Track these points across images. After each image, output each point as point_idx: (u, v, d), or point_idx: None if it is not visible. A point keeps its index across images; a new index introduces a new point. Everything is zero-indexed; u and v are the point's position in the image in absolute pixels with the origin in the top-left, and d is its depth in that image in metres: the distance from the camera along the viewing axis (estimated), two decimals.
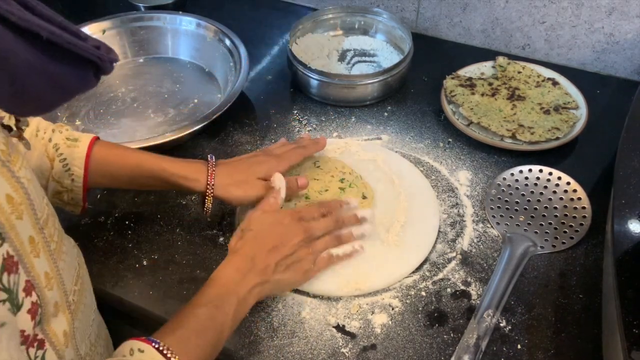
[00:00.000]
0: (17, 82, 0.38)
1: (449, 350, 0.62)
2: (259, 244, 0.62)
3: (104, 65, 0.43)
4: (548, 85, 0.93)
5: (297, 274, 0.64)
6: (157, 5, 1.13)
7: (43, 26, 0.38)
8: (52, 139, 0.66)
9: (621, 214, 0.60)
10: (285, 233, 0.64)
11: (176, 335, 0.51)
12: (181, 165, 0.68)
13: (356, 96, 0.93)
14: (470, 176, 0.82)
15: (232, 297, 0.57)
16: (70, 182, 0.66)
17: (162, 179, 0.68)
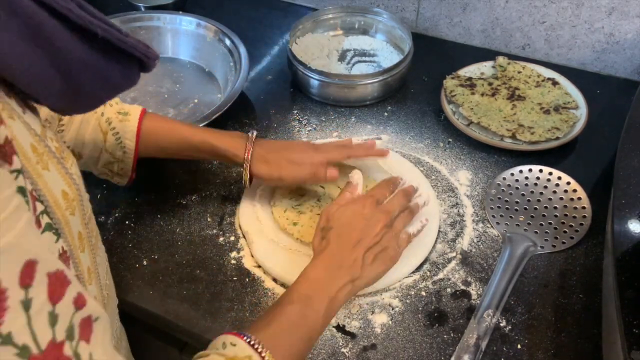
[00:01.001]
0: (72, 80, 0.39)
1: (449, 350, 0.62)
2: (344, 241, 0.60)
3: (149, 62, 0.45)
4: (548, 85, 0.93)
5: (385, 262, 0.62)
6: (157, 5, 1.13)
7: (97, 24, 0.39)
8: (104, 113, 0.71)
9: (621, 214, 0.60)
10: (367, 224, 0.62)
11: (267, 332, 0.51)
12: (225, 139, 0.72)
13: (356, 96, 0.93)
14: (470, 176, 0.82)
15: (323, 295, 0.56)
16: (122, 153, 0.71)
17: (207, 151, 0.72)
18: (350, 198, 0.66)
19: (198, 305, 0.67)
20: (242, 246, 0.74)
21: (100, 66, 0.41)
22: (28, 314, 0.31)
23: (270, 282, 0.70)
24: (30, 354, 0.31)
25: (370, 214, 0.63)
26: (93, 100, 0.44)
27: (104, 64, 0.41)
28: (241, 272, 0.71)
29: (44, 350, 0.32)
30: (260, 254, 0.71)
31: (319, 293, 0.56)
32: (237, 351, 0.48)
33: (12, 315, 0.30)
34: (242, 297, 0.68)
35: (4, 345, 0.30)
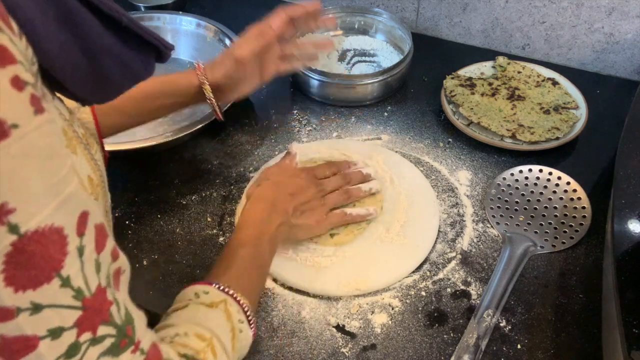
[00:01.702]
0: (98, 66, 0.41)
1: (449, 350, 0.62)
2: (278, 190, 0.67)
3: (165, 51, 0.47)
4: (548, 85, 0.93)
5: (310, 220, 0.68)
6: (157, 5, 1.13)
7: (122, 12, 0.41)
8: None
9: (621, 214, 0.60)
10: (301, 184, 0.69)
11: (228, 276, 0.56)
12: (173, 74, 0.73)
13: (356, 96, 0.93)
14: (470, 176, 0.82)
15: (265, 235, 0.62)
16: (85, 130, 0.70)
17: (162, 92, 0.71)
18: (290, 164, 0.72)
19: None
20: None
21: (123, 54, 0.43)
22: (81, 260, 0.34)
23: (269, 282, 0.69)
24: (84, 296, 0.34)
25: (303, 181, 0.70)
26: (114, 89, 0.45)
27: (127, 52, 0.43)
28: None
29: (93, 294, 0.35)
30: None
31: (262, 234, 0.62)
32: (213, 297, 0.52)
33: (71, 260, 0.33)
34: None
35: (63, 287, 0.33)
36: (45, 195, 0.31)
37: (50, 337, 0.33)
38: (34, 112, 0.30)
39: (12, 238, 0.30)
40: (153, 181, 0.82)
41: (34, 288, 0.31)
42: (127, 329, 0.38)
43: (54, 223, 0.32)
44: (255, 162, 0.85)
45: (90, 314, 0.35)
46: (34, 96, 0.30)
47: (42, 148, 0.31)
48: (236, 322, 0.52)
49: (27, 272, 0.31)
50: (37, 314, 0.32)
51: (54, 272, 0.32)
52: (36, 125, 0.30)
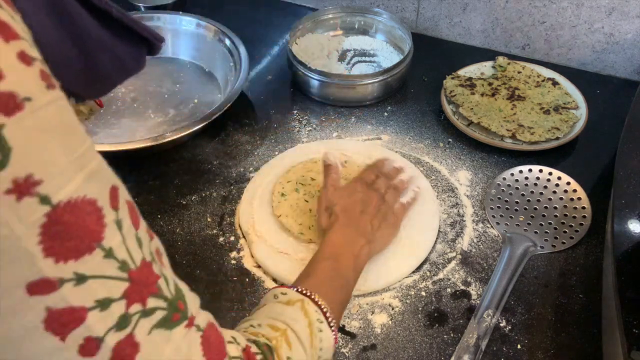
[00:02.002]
0: (90, 59, 0.40)
1: (449, 350, 0.62)
2: (350, 213, 0.66)
3: (156, 43, 0.46)
4: (548, 85, 0.93)
5: (390, 226, 0.68)
6: (157, 5, 1.13)
7: (112, 5, 0.41)
8: None
9: (621, 214, 0.60)
10: (364, 198, 0.68)
11: (308, 283, 0.55)
12: None
13: (356, 96, 0.93)
14: (470, 176, 0.82)
15: (349, 253, 0.61)
16: None
17: None
18: (338, 179, 0.71)
19: None
20: (242, 246, 0.74)
21: (114, 46, 0.43)
22: (122, 233, 0.34)
23: (270, 282, 0.70)
24: (129, 268, 0.34)
25: (363, 192, 0.69)
26: (106, 84, 0.45)
27: (118, 44, 0.43)
28: (241, 272, 0.71)
29: (139, 267, 0.35)
30: (260, 254, 0.71)
31: (345, 251, 0.61)
32: (290, 296, 0.52)
33: (110, 232, 0.33)
34: (242, 297, 0.68)
35: (107, 259, 0.33)
36: (70, 168, 0.31)
37: (98, 308, 0.32)
38: (46, 87, 0.29)
39: (45, 209, 0.29)
40: (153, 181, 0.82)
41: (75, 258, 0.31)
42: (179, 303, 0.38)
43: (86, 195, 0.31)
44: (255, 162, 0.85)
45: (138, 286, 0.34)
46: (43, 72, 0.30)
47: (59, 122, 0.30)
48: (314, 319, 0.50)
49: (66, 243, 0.30)
50: (81, 284, 0.31)
51: (94, 242, 0.32)
52: (50, 100, 0.30)
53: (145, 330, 0.35)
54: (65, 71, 0.39)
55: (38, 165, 0.29)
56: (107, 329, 0.33)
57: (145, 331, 0.35)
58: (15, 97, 0.27)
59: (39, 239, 0.29)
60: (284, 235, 0.73)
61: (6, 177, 0.27)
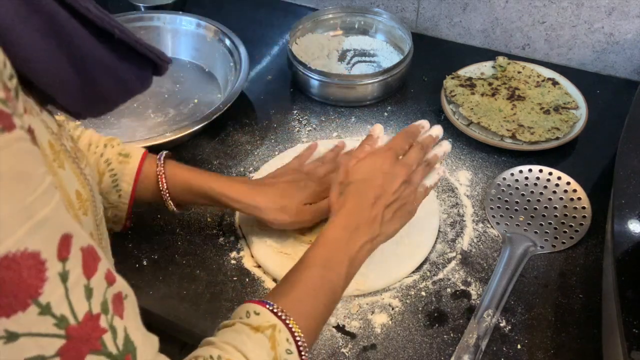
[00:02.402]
0: (89, 80, 0.39)
1: (449, 350, 0.62)
2: (362, 197, 0.58)
3: (162, 64, 0.45)
4: (548, 85, 0.93)
5: (403, 217, 0.62)
6: (157, 5, 1.13)
7: (115, 25, 0.39)
8: (104, 154, 0.66)
9: (621, 214, 0.60)
10: (386, 179, 0.60)
11: (290, 297, 0.51)
12: (227, 184, 0.68)
13: (356, 96, 0.93)
14: (470, 176, 0.82)
15: (343, 256, 0.55)
16: (117, 197, 0.66)
17: (209, 197, 0.68)
18: (369, 151, 0.63)
19: (198, 305, 0.67)
20: (242, 246, 0.74)
21: (116, 67, 0.41)
22: (66, 286, 0.32)
23: (270, 282, 0.69)
24: (68, 324, 0.32)
25: (389, 168, 0.61)
26: (108, 103, 0.44)
27: (119, 65, 0.42)
28: (241, 272, 0.71)
29: (80, 322, 0.33)
30: (260, 254, 0.71)
31: (339, 254, 0.55)
32: (261, 320, 0.48)
33: (51, 286, 0.31)
34: (242, 297, 0.68)
35: (42, 315, 0.31)
36: (14, 219, 0.29)
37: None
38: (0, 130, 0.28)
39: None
40: None
41: (7, 316, 0.30)
42: (126, 358, 0.35)
43: (28, 247, 0.30)
44: (255, 162, 0.85)
45: (76, 342, 0.33)
46: (2, 113, 0.28)
47: (9, 169, 0.29)
48: (282, 351, 0.46)
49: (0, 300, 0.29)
50: (12, 342, 0.30)
51: (29, 299, 0.30)
52: (3, 144, 0.28)
53: None
54: (61, 89, 0.38)
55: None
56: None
57: None
58: None
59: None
60: (284, 235, 0.73)
61: None
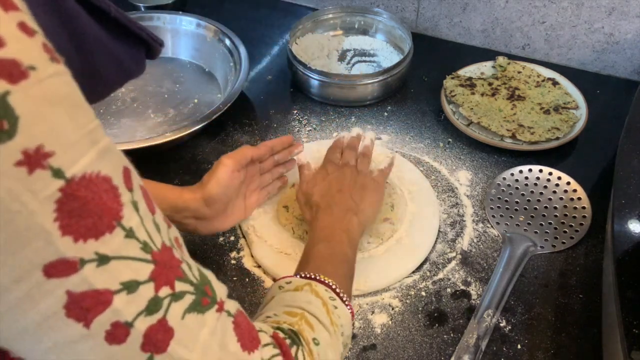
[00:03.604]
0: (89, 60, 0.39)
1: (449, 350, 0.62)
2: (328, 197, 0.66)
3: (155, 46, 0.45)
4: (548, 85, 0.93)
5: (372, 193, 0.68)
6: (157, 5, 1.13)
7: (110, 4, 0.39)
8: None
9: (621, 214, 0.60)
10: (337, 177, 0.69)
11: (309, 268, 0.55)
12: None
13: (356, 96, 0.93)
14: (470, 176, 0.82)
15: (338, 230, 0.61)
16: None
17: None
18: (310, 174, 0.72)
19: None
20: (242, 246, 0.74)
21: (112, 47, 0.41)
22: (139, 215, 0.32)
23: (270, 282, 0.69)
24: (151, 249, 0.32)
25: (334, 172, 0.70)
26: (106, 86, 0.44)
27: (115, 45, 0.42)
28: (241, 272, 0.71)
29: (160, 250, 0.32)
30: (260, 254, 0.71)
31: (335, 230, 0.61)
32: (296, 284, 0.51)
33: (128, 212, 0.31)
34: (242, 297, 0.68)
35: (128, 239, 0.30)
36: (82, 142, 0.28)
37: (125, 291, 0.30)
38: (49, 59, 0.27)
39: (59, 183, 0.27)
40: None
41: (95, 237, 0.29)
42: (206, 288, 0.36)
43: (101, 171, 0.29)
44: None
45: (164, 268, 0.32)
46: (46, 45, 0.28)
47: (67, 95, 0.28)
48: (326, 298, 0.50)
49: (85, 221, 0.28)
50: (104, 265, 0.29)
51: (114, 220, 0.29)
52: (55, 72, 0.27)
53: (178, 314, 0.33)
54: None
55: (49, 137, 0.27)
56: (136, 314, 0.31)
57: (179, 315, 0.33)
58: (18, 65, 0.25)
59: (55, 215, 0.27)
60: (284, 235, 0.73)
61: (15, 147, 0.25)
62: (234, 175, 0.66)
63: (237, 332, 0.37)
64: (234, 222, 0.71)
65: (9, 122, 0.25)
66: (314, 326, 0.46)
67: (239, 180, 0.68)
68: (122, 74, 0.44)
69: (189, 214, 0.64)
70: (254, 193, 0.74)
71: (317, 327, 0.46)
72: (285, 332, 0.43)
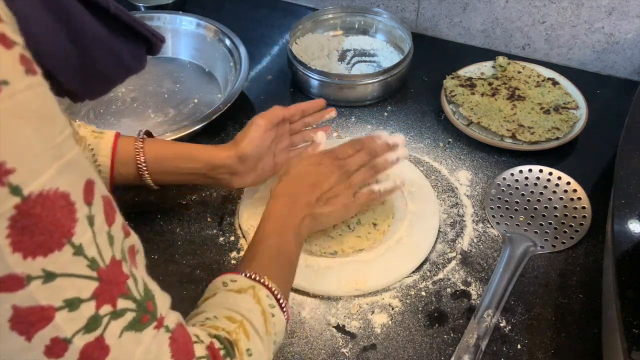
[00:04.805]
0: (87, 56, 0.40)
1: (449, 350, 0.62)
2: (298, 183, 0.65)
3: (156, 42, 0.46)
4: (548, 85, 0.93)
5: (336, 207, 0.66)
6: (157, 5, 1.13)
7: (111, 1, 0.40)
8: (79, 132, 0.67)
9: (621, 214, 0.60)
10: (322, 172, 0.66)
11: (255, 264, 0.55)
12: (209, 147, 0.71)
13: (356, 96, 0.93)
14: (470, 176, 0.82)
15: (288, 228, 0.60)
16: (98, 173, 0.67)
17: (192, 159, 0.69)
18: (309, 153, 0.71)
19: None
20: (242, 246, 0.74)
21: (112, 44, 0.42)
22: (93, 230, 0.32)
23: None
24: (98, 266, 0.33)
25: (325, 166, 0.67)
26: (105, 83, 0.44)
27: (115, 42, 0.42)
28: None
29: (108, 265, 0.33)
30: None
31: (286, 225, 0.60)
32: (241, 284, 0.51)
33: (82, 228, 0.31)
34: None
35: (76, 256, 0.31)
36: (45, 157, 0.29)
37: (67, 308, 0.31)
38: (24, 72, 0.28)
39: (15, 200, 0.28)
40: None
41: (44, 255, 0.29)
42: (147, 304, 0.37)
43: (59, 187, 0.30)
44: None
45: (108, 285, 0.33)
46: (24, 56, 0.28)
47: (37, 109, 0.29)
48: (266, 305, 0.50)
49: (35, 238, 0.29)
50: (50, 282, 0.30)
51: (64, 238, 0.30)
52: (28, 85, 0.28)
53: (115, 333, 0.34)
54: (61, 65, 0.38)
55: (11, 153, 0.27)
56: (75, 330, 0.32)
57: (116, 334, 0.34)
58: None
59: (7, 232, 0.28)
60: None
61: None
62: (265, 134, 0.69)
63: (172, 347, 0.38)
64: (264, 179, 0.74)
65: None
66: (250, 336, 0.47)
67: (270, 139, 0.71)
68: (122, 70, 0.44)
69: (224, 170, 0.69)
70: (283, 152, 0.75)
71: (252, 337, 0.47)
72: (222, 341, 0.44)
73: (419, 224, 0.74)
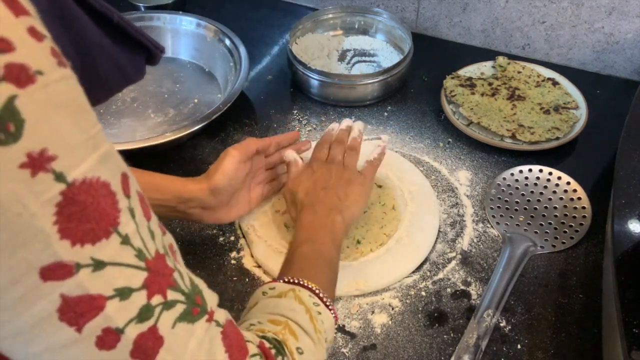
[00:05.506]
0: (89, 63, 0.39)
1: (449, 350, 0.62)
2: (312, 195, 0.66)
3: (156, 52, 0.46)
4: (548, 85, 0.93)
5: (358, 188, 0.67)
6: (157, 5, 1.13)
7: (113, 10, 0.40)
8: None
9: (621, 214, 0.60)
10: (322, 174, 0.68)
11: (292, 271, 0.55)
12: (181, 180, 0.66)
13: (356, 96, 0.93)
14: (470, 176, 0.82)
15: (323, 231, 0.61)
16: None
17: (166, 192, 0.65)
18: (298, 171, 0.70)
19: None
20: (242, 246, 0.74)
21: (113, 52, 0.42)
22: (135, 222, 0.32)
23: None
24: (145, 257, 0.32)
25: (320, 170, 0.69)
26: (104, 91, 0.44)
27: (116, 51, 0.42)
28: (241, 272, 0.71)
29: (154, 257, 0.33)
30: (260, 254, 0.71)
31: (319, 230, 0.61)
32: (280, 290, 0.51)
33: (125, 218, 0.31)
34: (242, 297, 0.68)
35: (124, 245, 0.31)
36: (84, 146, 0.29)
37: (118, 297, 0.30)
38: (57, 64, 0.28)
39: (61, 186, 0.27)
40: None
41: (92, 242, 0.29)
42: (196, 298, 0.36)
43: (100, 177, 0.30)
44: None
45: (156, 276, 0.32)
46: (54, 49, 0.28)
47: (71, 100, 0.29)
48: (310, 304, 0.50)
49: (83, 225, 0.29)
50: (99, 271, 0.29)
51: (110, 227, 0.30)
52: (61, 76, 0.28)
53: (168, 323, 0.33)
54: None
55: (52, 140, 0.27)
56: (127, 321, 0.31)
57: (169, 324, 0.33)
58: (27, 70, 0.26)
59: (55, 219, 0.27)
60: (284, 235, 0.73)
61: (20, 150, 0.26)
62: (239, 166, 0.67)
63: (225, 342, 0.38)
64: (238, 214, 0.72)
65: (15, 125, 0.26)
66: (297, 335, 0.46)
67: (245, 171, 0.69)
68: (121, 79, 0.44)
69: (194, 204, 0.65)
70: (259, 186, 0.74)
71: (300, 336, 0.46)
72: (270, 341, 0.44)
73: (419, 224, 0.74)
